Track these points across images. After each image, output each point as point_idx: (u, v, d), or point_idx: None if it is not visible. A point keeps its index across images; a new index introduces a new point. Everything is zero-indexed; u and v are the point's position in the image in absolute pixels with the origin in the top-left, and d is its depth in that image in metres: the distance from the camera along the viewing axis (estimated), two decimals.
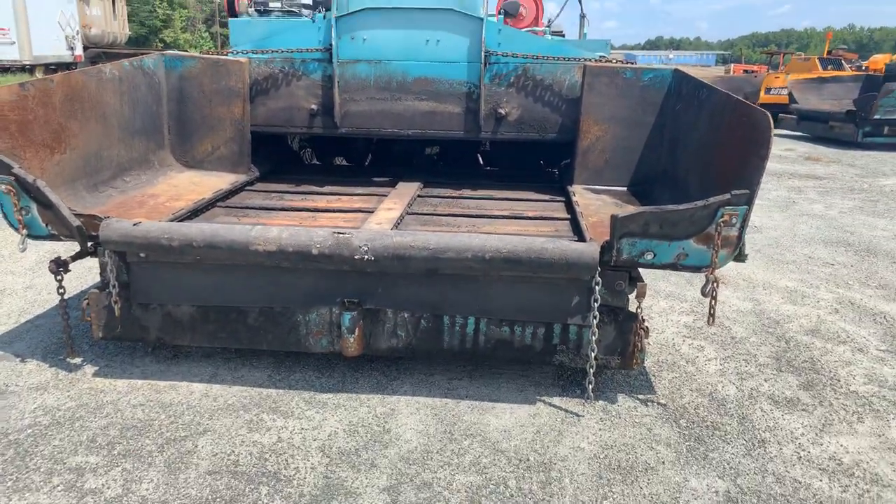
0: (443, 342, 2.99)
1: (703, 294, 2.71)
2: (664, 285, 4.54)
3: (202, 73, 4.25)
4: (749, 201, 2.55)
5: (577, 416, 2.88)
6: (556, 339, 2.94)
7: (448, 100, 4.29)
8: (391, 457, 2.55)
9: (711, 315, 2.77)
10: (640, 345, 2.88)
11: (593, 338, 2.79)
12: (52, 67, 16.56)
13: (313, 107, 4.34)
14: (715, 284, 2.69)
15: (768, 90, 18.06)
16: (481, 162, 5.64)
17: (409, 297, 2.94)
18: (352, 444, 2.63)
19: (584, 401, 2.93)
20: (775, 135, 2.70)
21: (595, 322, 2.77)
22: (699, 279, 2.74)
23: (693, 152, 3.56)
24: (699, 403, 3.01)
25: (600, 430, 2.77)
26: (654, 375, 3.27)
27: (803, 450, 2.67)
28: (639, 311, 2.86)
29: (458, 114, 4.30)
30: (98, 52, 19.40)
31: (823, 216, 6.96)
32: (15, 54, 16.02)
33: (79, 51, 18.85)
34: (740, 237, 2.64)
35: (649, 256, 2.70)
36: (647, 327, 2.91)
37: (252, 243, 2.72)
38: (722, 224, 2.58)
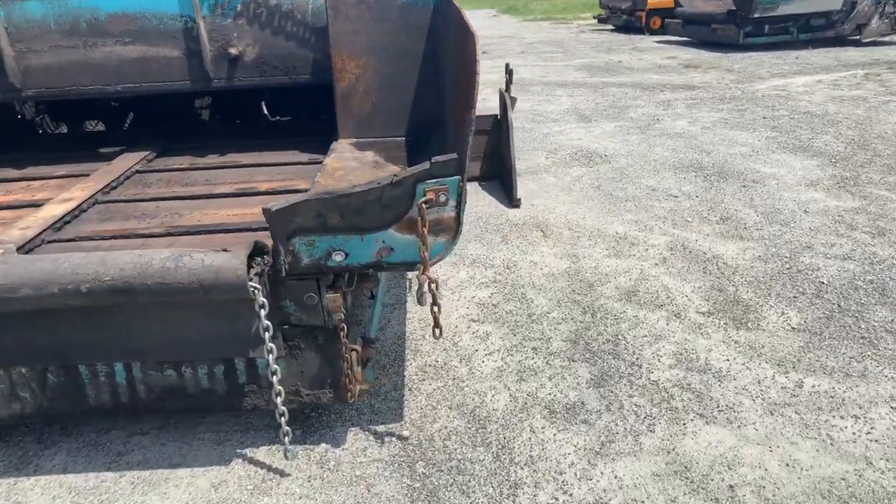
0: (88, 399, 2.14)
1: (420, 302, 1.95)
2: (474, 247, 3.78)
3: None
4: (460, 169, 1.77)
5: (282, 475, 2.12)
6: (243, 377, 2.14)
7: (160, 41, 3.25)
8: None
9: (437, 326, 2.03)
10: (352, 373, 2.12)
11: (274, 378, 2.00)
12: None
13: None
14: (433, 287, 1.93)
15: None
16: (265, 112, 4.64)
17: (17, 347, 2.05)
18: None
19: (286, 457, 2.15)
20: (661, 42, 1.89)
21: (272, 356, 1.97)
22: (515, 234, 1.96)
23: (450, 89, 2.74)
24: (453, 430, 2.30)
25: (301, 497, 2.03)
26: (410, 389, 2.54)
27: (565, 491, 2.01)
28: (341, 330, 2.07)
29: (177, 58, 3.28)
30: None
31: (684, 134, 6.36)
32: None
33: None
34: (458, 218, 1.87)
35: (339, 258, 1.90)
36: (359, 348, 2.15)
37: None
38: (424, 206, 1.79)
